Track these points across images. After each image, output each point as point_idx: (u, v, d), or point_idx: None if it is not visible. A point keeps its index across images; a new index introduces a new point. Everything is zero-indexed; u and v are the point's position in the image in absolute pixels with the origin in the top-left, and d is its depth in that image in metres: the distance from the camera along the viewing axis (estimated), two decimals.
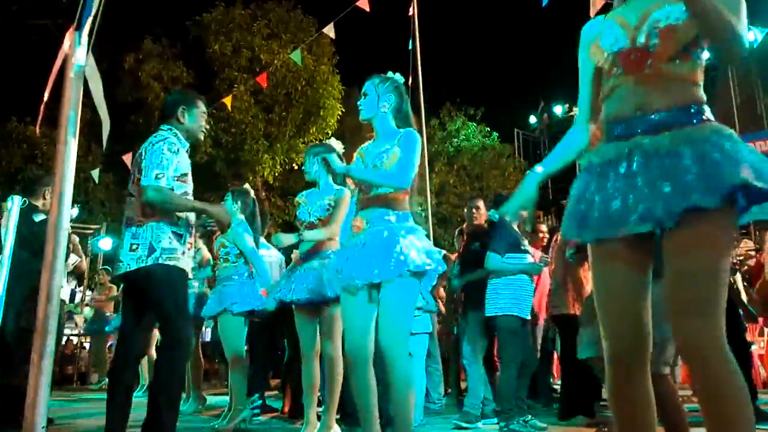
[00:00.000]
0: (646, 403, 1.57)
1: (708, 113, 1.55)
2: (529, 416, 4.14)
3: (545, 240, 5.52)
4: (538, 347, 5.09)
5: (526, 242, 4.22)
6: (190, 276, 3.02)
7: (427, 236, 3.11)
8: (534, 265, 4.14)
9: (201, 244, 5.16)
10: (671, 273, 1.49)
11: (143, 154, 2.88)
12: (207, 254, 5.05)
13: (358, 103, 2.71)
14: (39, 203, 3.81)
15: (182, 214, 2.95)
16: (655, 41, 1.56)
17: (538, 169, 1.81)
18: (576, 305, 4.33)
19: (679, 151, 1.47)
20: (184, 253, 2.91)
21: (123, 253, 2.83)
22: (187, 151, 3.02)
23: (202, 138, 3.23)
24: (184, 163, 2.95)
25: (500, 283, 4.09)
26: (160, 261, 2.79)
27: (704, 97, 1.58)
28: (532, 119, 21.97)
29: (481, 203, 4.89)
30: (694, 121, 1.53)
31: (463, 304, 4.86)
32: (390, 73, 2.74)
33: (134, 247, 2.82)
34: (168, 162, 2.84)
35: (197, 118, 3.10)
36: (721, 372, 1.39)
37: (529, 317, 4.13)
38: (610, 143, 1.61)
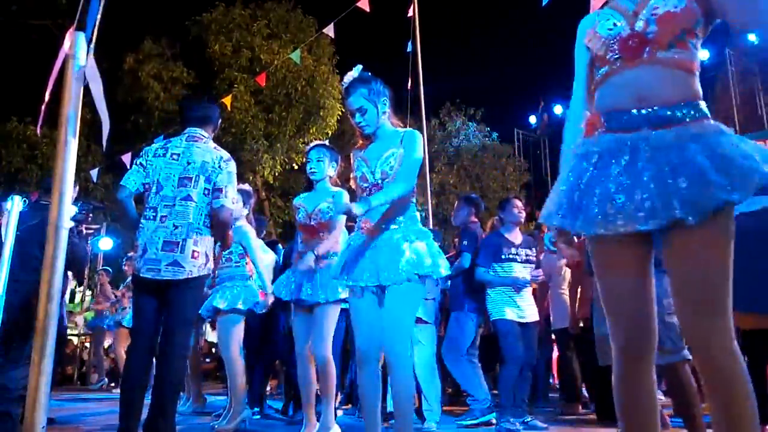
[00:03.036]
0: (650, 396, 1.58)
1: (705, 108, 1.55)
2: (529, 417, 4.15)
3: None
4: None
5: (514, 249, 4.23)
6: None
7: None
8: (516, 280, 4.15)
9: None
10: (680, 273, 1.49)
11: (215, 169, 2.96)
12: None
13: (357, 122, 2.57)
14: None
15: None
16: (654, 27, 1.55)
17: None
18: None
19: (685, 146, 1.45)
20: None
21: (184, 259, 2.86)
22: None
23: None
24: None
25: (495, 288, 4.18)
26: (209, 271, 2.98)
27: (700, 91, 1.57)
28: (532, 119, 21.93)
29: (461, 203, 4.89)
30: (696, 117, 1.52)
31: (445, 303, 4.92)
32: (358, 71, 2.61)
33: (196, 254, 2.89)
34: (235, 186, 3.03)
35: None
36: (732, 371, 1.40)
37: (526, 320, 4.15)
38: (608, 134, 1.58)
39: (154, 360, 3.01)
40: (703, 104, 1.55)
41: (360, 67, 2.63)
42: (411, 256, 2.41)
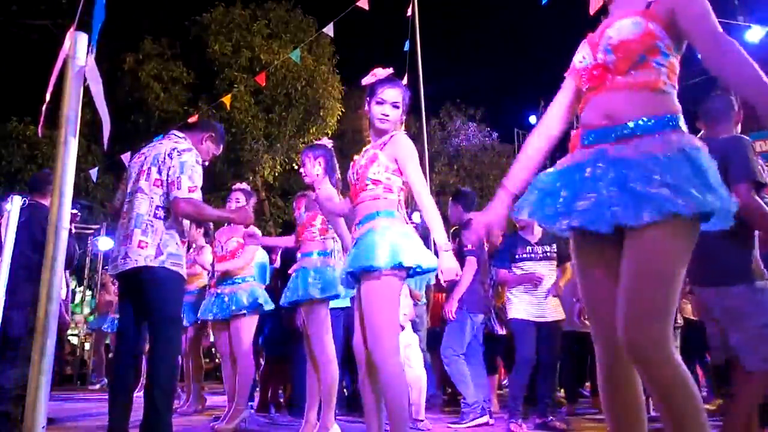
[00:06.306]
0: (635, 395, 1.60)
1: (678, 122, 1.57)
2: (551, 417, 4.13)
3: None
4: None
5: (530, 248, 4.26)
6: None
7: (427, 237, 3.10)
8: (532, 276, 4.20)
9: (204, 243, 5.17)
10: (624, 275, 1.52)
11: (166, 159, 2.90)
12: (210, 256, 5.06)
13: (384, 113, 2.51)
14: (47, 202, 3.80)
15: (185, 223, 3.01)
16: (612, 57, 1.63)
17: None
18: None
19: (639, 157, 1.50)
20: (184, 260, 2.98)
21: (131, 249, 2.82)
22: None
23: None
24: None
25: (513, 288, 4.26)
26: (166, 265, 2.84)
27: (672, 105, 1.60)
28: (532, 119, 21.92)
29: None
30: (663, 129, 1.55)
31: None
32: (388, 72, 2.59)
33: (143, 244, 2.83)
34: (198, 175, 2.92)
35: None
36: (671, 373, 1.42)
37: (545, 319, 4.16)
38: (581, 149, 1.67)
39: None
40: (675, 118, 1.57)
41: (391, 70, 2.60)
42: (377, 246, 2.36)
